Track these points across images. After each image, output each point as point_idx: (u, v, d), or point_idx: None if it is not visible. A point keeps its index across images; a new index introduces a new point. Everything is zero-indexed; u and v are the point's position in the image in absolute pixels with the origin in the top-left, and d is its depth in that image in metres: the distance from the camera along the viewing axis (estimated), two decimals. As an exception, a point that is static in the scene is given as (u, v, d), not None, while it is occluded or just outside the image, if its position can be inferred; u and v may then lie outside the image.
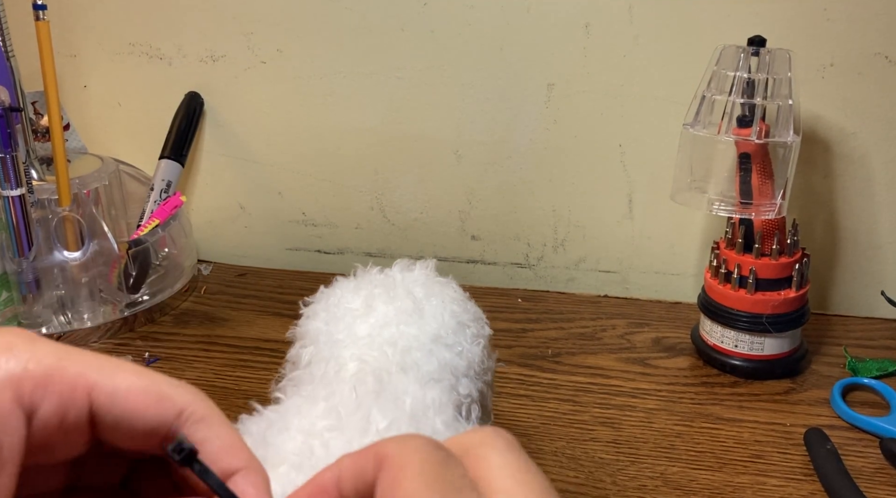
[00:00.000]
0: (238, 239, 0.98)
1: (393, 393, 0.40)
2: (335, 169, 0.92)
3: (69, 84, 0.95)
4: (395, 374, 0.41)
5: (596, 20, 0.81)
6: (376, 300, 0.46)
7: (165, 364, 0.74)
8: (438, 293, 0.48)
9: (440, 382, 0.43)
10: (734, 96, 0.68)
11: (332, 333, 0.45)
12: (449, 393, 0.43)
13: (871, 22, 0.76)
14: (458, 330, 0.47)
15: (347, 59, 0.88)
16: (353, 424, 0.36)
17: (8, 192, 0.74)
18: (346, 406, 0.38)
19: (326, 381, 0.41)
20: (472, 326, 0.48)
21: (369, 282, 0.48)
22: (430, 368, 0.43)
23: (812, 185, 0.82)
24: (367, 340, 0.44)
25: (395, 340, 0.44)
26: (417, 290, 0.48)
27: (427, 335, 0.45)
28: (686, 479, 0.60)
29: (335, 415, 0.37)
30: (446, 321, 0.47)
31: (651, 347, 0.77)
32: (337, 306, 0.47)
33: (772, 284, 0.70)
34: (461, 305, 0.49)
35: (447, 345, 0.45)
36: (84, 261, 0.79)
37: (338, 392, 0.39)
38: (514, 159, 0.87)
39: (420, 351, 0.44)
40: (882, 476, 0.60)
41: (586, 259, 0.90)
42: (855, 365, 0.73)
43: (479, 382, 0.47)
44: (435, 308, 0.47)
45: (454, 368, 0.45)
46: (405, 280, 0.49)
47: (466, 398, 0.44)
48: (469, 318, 0.49)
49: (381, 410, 0.37)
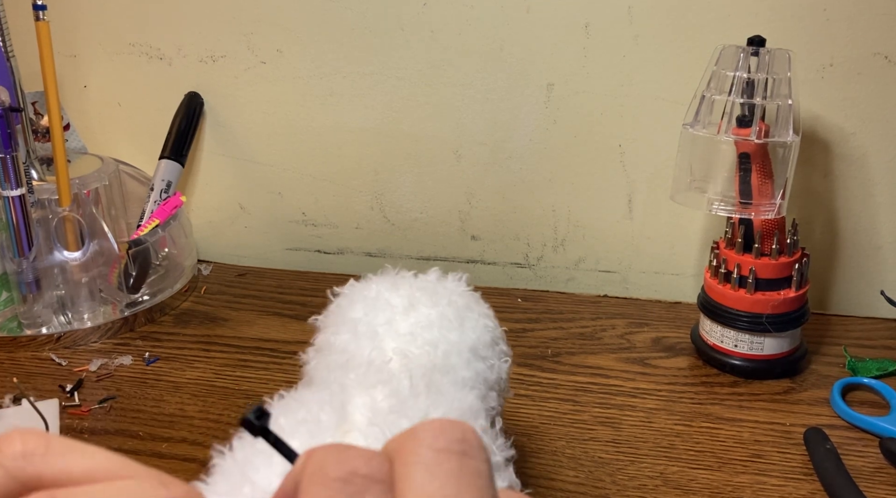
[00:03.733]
0: (238, 239, 0.98)
1: (438, 390, 0.41)
2: (335, 169, 0.92)
3: (69, 84, 0.95)
4: (436, 374, 0.42)
5: (596, 20, 0.81)
6: (419, 302, 0.47)
7: (165, 364, 0.74)
8: (475, 307, 0.50)
9: (474, 389, 0.44)
10: (734, 96, 0.68)
11: (371, 325, 0.45)
12: (482, 401, 0.44)
13: (871, 22, 0.76)
14: (491, 345, 0.48)
15: (347, 59, 0.88)
16: (414, 412, 0.38)
17: (8, 193, 0.74)
18: (403, 393, 0.39)
19: (375, 368, 0.41)
20: (501, 344, 0.50)
21: (408, 283, 0.49)
22: (466, 374, 0.44)
23: (812, 185, 0.82)
24: (408, 338, 0.44)
25: (436, 342, 0.45)
26: (457, 299, 0.48)
27: (466, 344, 0.46)
28: (686, 478, 0.60)
29: (395, 399, 0.38)
30: (482, 335, 0.48)
31: (651, 347, 0.77)
32: (376, 300, 0.47)
33: (772, 283, 0.70)
34: (493, 322, 0.50)
35: (482, 357, 0.47)
36: (84, 261, 0.79)
37: (391, 380, 0.40)
38: (514, 159, 0.87)
39: (459, 357, 0.45)
40: (882, 476, 0.60)
41: (586, 259, 0.90)
42: (855, 365, 0.73)
43: (501, 397, 0.48)
44: (473, 320, 0.48)
45: (486, 379, 0.46)
46: (444, 288, 0.49)
47: (492, 411, 0.46)
48: (499, 335, 0.50)
49: (433, 404, 0.39)
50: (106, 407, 0.68)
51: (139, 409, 0.68)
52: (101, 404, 0.68)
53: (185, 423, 0.66)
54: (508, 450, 0.41)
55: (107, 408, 0.68)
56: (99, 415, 0.67)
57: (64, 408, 0.67)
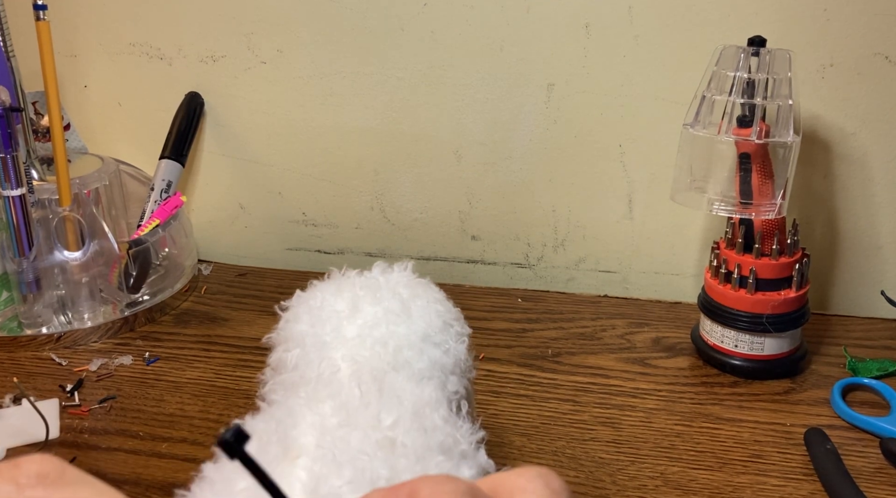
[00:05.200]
0: (238, 239, 0.98)
1: (391, 391, 0.40)
2: (335, 169, 0.92)
3: (69, 84, 0.95)
4: (389, 373, 0.42)
5: (596, 20, 0.81)
6: (362, 301, 0.47)
7: (165, 364, 0.74)
8: (422, 294, 0.49)
9: (431, 380, 0.43)
10: (734, 96, 0.68)
11: (318, 335, 0.45)
12: (441, 390, 0.43)
13: (871, 22, 0.76)
14: (443, 329, 0.47)
15: (347, 59, 0.88)
16: (364, 421, 0.37)
17: (8, 192, 0.74)
18: (353, 403, 0.38)
19: (324, 381, 0.41)
20: (456, 325, 0.49)
21: (351, 284, 0.49)
22: (421, 365, 0.44)
23: (812, 185, 0.82)
24: (357, 341, 0.44)
25: (385, 339, 0.44)
26: (402, 290, 0.48)
27: (416, 334, 0.45)
28: (686, 478, 0.60)
29: (344, 412, 0.37)
30: (432, 320, 0.47)
31: (651, 347, 0.77)
32: (321, 309, 0.47)
33: (772, 283, 0.70)
34: (444, 305, 0.49)
35: (435, 343, 0.46)
36: (84, 261, 0.79)
37: (341, 391, 0.39)
38: (514, 159, 0.87)
39: (411, 350, 0.44)
40: (882, 476, 0.60)
41: (586, 259, 0.90)
42: (855, 365, 0.73)
43: (464, 379, 0.47)
44: (421, 308, 0.47)
45: (443, 365, 0.45)
46: (388, 281, 0.49)
47: (455, 395, 0.45)
48: (452, 317, 0.49)
49: (385, 407, 0.38)
50: (106, 407, 0.68)
51: (139, 409, 0.68)
52: (101, 404, 0.68)
53: (185, 423, 0.66)
54: (477, 433, 0.40)
55: (107, 408, 0.68)
56: (99, 415, 0.67)
57: (64, 408, 0.67)
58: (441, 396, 0.42)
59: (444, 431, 0.38)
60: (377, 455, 0.35)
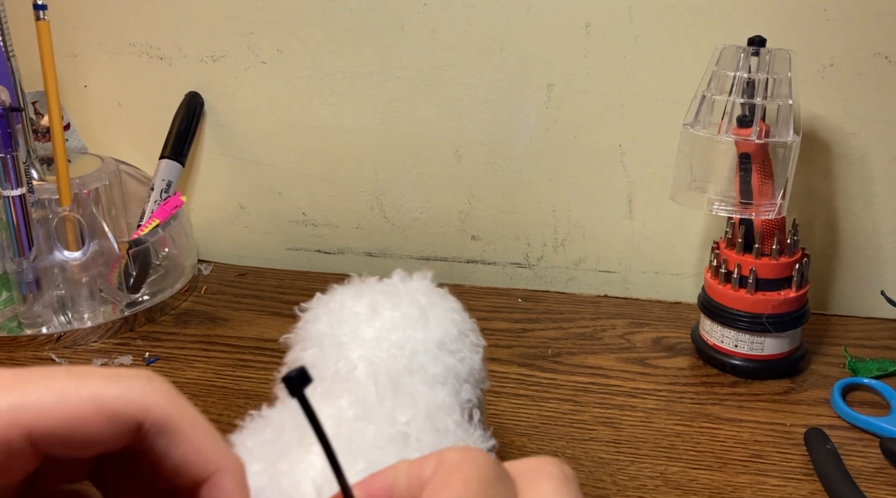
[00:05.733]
0: (238, 239, 0.98)
1: (406, 391, 0.41)
2: (335, 169, 0.92)
3: (69, 84, 0.95)
4: (404, 375, 0.42)
5: (596, 20, 0.81)
6: (381, 306, 0.47)
7: (165, 364, 0.74)
8: (440, 303, 0.50)
9: (445, 385, 0.44)
10: (734, 96, 0.68)
11: (336, 336, 0.46)
12: (455, 396, 0.44)
13: (871, 22, 0.76)
14: (459, 338, 0.48)
15: (347, 59, 0.88)
16: (379, 416, 0.38)
17: (8, 192, 0.74)
18: (369, 400, 0.39)
19: (341, 378, 0.41)
20: (471, 336, 0.50)
21: (371, 289, 0.49)
22: (436, 371, 0.44)
23: (812, 185, 0.82)
24: (374, 343, 0.44)
25: (402, 343, 0.45)
26: (421, 297, 0.49)
27: (432, 341, 0.46)
28: (686, 478, 0.60)
29: (360, 406, 0.38)
30: (449, 329, 0.48)
31: (651, 347, 0.77)
32: (340, 310, 0.47)
33: (772, 283, 0.70)
34: (461, 315, 0.50)
35: (450, 351, 0.47)
36: (84, 261, 0.79)
37: (357, 388, 0.40)
38: (514, 159, 0.87)
39: (426, 355, 0.45)
40: (882, 476, 0.60)
41: (586, 259, 0.90)
42: (855, 365, 0.73)
43: (477, 389, 0.48)
44: (438, 316, 0.48)
45: (457, 373, 0.46)
46: (407, 289, 0.49)
47: (468, 403, 0.46)
48: (468, 328, 0.50)
49: (400, 406, 0.39)
50: (106, 407, 0.68)
51: (139, 409, 0.68)
52: (101, 404, 0.68)
53: (185, 423, 0.66)
54: (488, 441, 0.41)
55: (107, 408, 0.68)
56: (99, 415, 0.67)
57: (64, 408, 0.67)
58: (454, 402, 0.43)
59: (455, 435, 0.39)
60: (390, 449, 0.35)
